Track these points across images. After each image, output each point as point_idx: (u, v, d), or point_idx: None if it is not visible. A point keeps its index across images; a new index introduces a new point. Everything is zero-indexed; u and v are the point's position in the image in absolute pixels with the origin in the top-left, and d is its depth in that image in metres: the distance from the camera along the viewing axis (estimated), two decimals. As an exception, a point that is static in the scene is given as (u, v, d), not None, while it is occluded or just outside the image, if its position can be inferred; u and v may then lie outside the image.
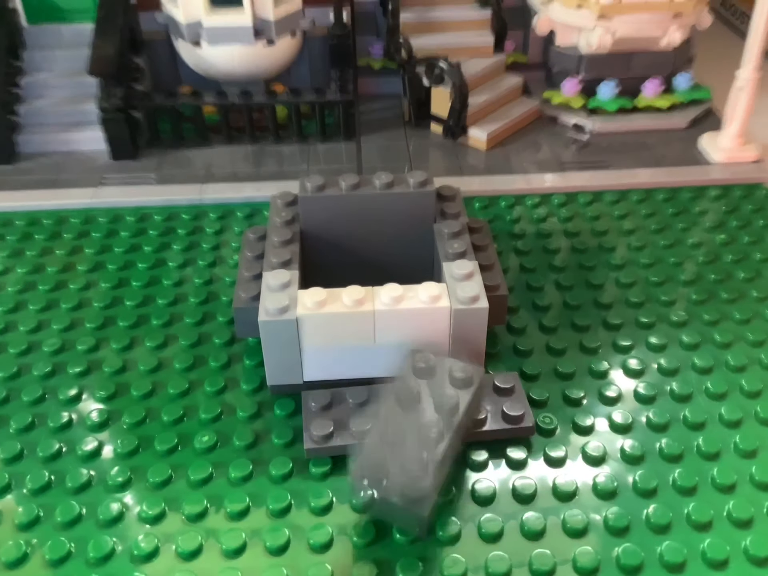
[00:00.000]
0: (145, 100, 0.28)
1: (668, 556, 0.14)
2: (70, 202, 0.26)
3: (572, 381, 0.19)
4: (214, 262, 0.23)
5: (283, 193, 0.21)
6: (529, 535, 0.15)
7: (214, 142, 0.29)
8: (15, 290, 0.22)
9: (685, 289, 0.22)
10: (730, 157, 0.27)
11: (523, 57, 0.33)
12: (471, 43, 0.30)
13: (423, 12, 0.31)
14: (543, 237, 0.24)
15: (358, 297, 0.17)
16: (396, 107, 0.32)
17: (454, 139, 0.29)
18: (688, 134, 0.29)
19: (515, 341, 0.20)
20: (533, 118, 0.31)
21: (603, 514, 0.15)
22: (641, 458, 0.17)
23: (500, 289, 0.18)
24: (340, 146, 0.29)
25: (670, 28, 0.29)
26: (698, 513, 0.15)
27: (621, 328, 0.20)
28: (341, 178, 0.19)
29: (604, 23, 0.28)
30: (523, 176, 0.27)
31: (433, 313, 0.17)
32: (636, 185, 0.27)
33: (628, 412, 0.18)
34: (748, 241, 0.24)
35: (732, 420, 0.17)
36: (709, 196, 0.26)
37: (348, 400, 0.17)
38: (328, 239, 0.20)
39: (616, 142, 0.29)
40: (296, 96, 0.28)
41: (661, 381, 0.19)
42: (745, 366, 0.19)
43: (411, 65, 0.29)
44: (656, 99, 0.30)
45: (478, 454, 0.16)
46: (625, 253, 0.23)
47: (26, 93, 0.29)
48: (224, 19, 0.28)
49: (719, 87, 0.30)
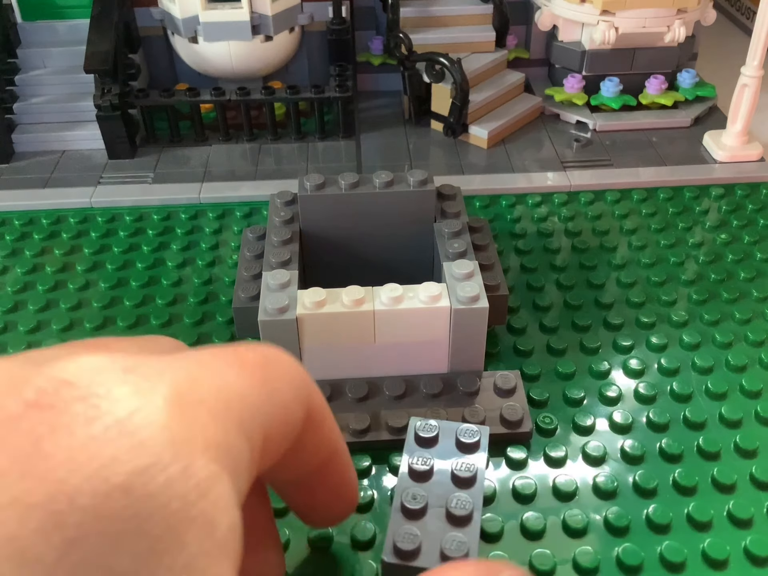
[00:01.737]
0: (142, 98, 0.28)
1: (668, 555, 0.14)
2: (68, 201, 0.26)
3: (572, 381, 0.19)
4: (213, 262, 0.23)
5: (281, 192, 0.21)
6: (529, 534, 0.15)
7: (211, 140, 0.29)
8: (13, 290, 0.22)
9: (686, 288, 0.22)
10: (733, 156, 0.27)
11: (525, 53, 0.32)
12: (472, 38, 0.30)
13: (423, 7, 0.30)
14: (544, 236, 0.24)
15: (357, 297, 0.16)
16: (396, 104, 0.32)
17: (454, 137, 0.29)
18: (692, 132, 0.29)
19: (515, 341, 0.20)
20: (535, 115, 0.30)
21: (603, 513, 0.15)
22: (641, 458, 0.17)
23: (500, 289, 0.18)
24: (339, 144, 0.29)
25: (674, 23, 0.28)
26: (698, 513, 0.15)
27: (622, 327, 0.20)
28: (341, 177, 0.19)
29: (608, 18, 0.28)
30: (525, 175, 0.27)
31: (433, 313, 0.17)
32: (638, 184, 0.26)
33: (628, 412, 0.18)
34: (750, 240, 0.24)
35: (732, 420, 0.17)
36: (712, 195, 0.26)
37: (347, 395, 0.17)
38: (327, 238, 0.20)
39: (619, 140, 0.29)
40: (294, 93, 0.28)
41: (661, 381, 0.19)
42: (745, 366, 0.19)
43: (411, 61, 0.29)
44: (660, 96, 0.30)
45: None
46: (626, 252, 0.23)
47: (21, 91, 0.29)
48: (221, 15, 0.28)
49: (724, 84, 0.29)
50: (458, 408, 0.17)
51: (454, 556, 0.12)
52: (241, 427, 0.08)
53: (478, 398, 0.17)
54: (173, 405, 0.07)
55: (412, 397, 0.17)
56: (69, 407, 0.07)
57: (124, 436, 0.07)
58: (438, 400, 0.17)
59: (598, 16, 0.28)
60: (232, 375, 0.08)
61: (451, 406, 0.17)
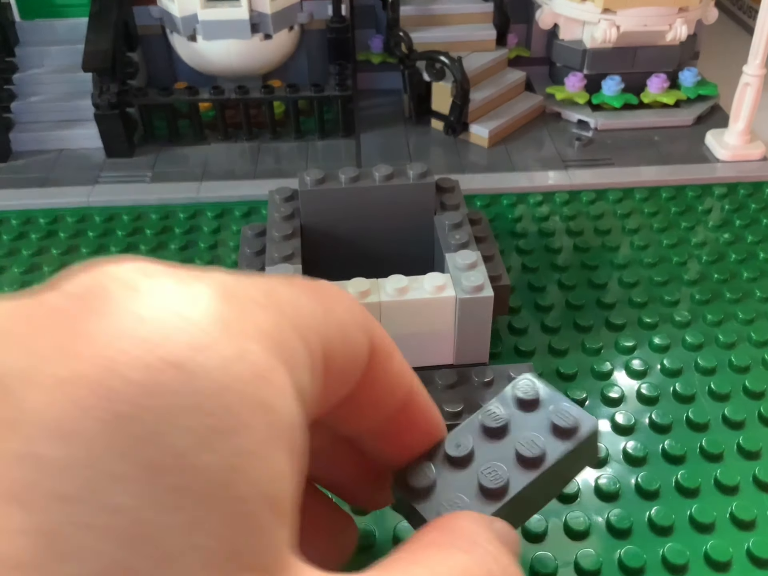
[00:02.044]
0: (140, 97, 0.28)
1: (671, 557, 0.14)
2: (65, 200, 0.26)
3: (574, 382, 0.19)
4: (212, 262, 0.23)
5: (281, 188, 0.21)
6: (531, 537, 0.15)
7: (210, 139, 0.29)
8: (11, 290, 0.22)
9: (689, 288, 0.22)
10: (735, 155, 0.27)
11: (526, 51, 0.32)
12: (473, 37, 0.30)
13: (423, 5, 0.30)
14: (545, 236, 0.24)
15: (363, 289, 0.16)
16: (396, 103, 0.31)
17: (455, 136, 0.29)
18: (695, 131, 0.29)
19: (517, 341, 0.19)
20: (536, 114, 0.30)
21: (605, 515, 0.15)
22: (644, 459, 0.16)
23: (502, 279, 0.18)
24: (339, 143, 0.29)
25: (675, 22, 0.28)
26: (701, 515, 0.15)
27: (624, 328, 0.20)
28: (341, 171, 0.19)
29: (609, 17, 0.28)
30: (526, 174, 0.27)
31: (438, 303, 0.16)
32: (640, 183, 0.26)
33: (630, 413, 0.17)
34: (753, 240, 0.24)
35: (736, 421, 0.17)
36: (714, 194, 0.26)
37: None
38: (328, 233, 0.20)
39: (620, 139, 0.29)
40: (294, 92, 0.28)
41: (664, 382, 0.18)
42: (748, 366, 0.19)
43: (411, 60, 0.29)
44: (662, 95, 0.30)
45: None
46: (628, 252, 0.23)
47: (19, 89, 0.29)
48: (220, 13, 0.28)
49: (726, 83, 0.29)
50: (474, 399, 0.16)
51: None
52: (296, 329, 0.07)
53: (492, 389, 0.17)
54: (223, 295, 0.07)
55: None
56: (114, 294, 0.06)
57: (175, 317, 0.06)
58: (453, 392, 0.17)
59: (599, 14, 0.28)
60: (282, 286, 0.08)
61: (467, 398, 0.16)
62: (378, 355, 0.09)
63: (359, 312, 0.09)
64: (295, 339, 0.07)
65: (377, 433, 0.10)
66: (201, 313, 0.07)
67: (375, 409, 0.09)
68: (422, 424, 0.10)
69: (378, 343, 0.09)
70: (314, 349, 0.08)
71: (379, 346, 0.09)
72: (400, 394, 0.09)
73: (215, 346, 0.06)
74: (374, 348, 0.09)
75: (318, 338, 0.08)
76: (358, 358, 0.09)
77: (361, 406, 0.09)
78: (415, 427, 0.10)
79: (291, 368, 0.07)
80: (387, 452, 0.10)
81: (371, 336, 0.09)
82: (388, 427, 0.10)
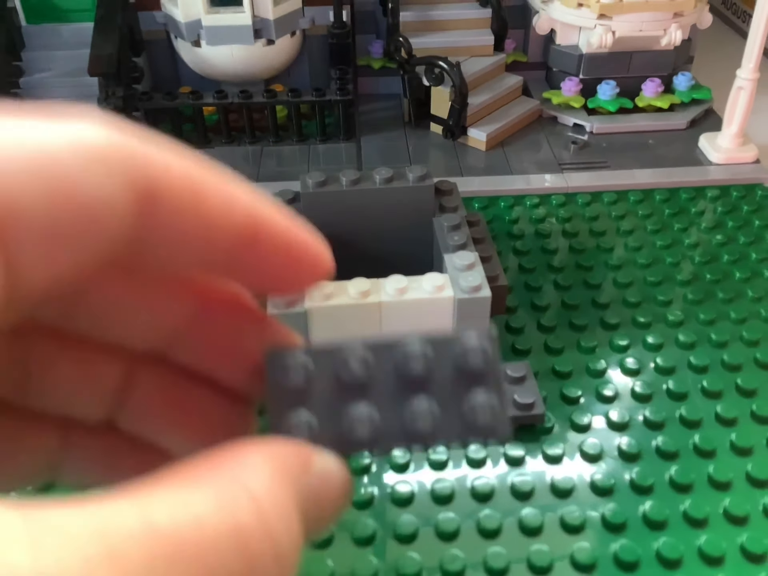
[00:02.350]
0: (146, 101, 0.28)
1: (665, 552, 0.15)
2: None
3: (570, 380, 0.19)
4: (215, 262, 0.24)
5: (282, 191, 0.21)
6: (527, 531, 0.15)
7: (213, 143, 0.29)
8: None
9: (682, 289, 0.22)
10: (729, 158, 0.27)
11: (523, 56, 0.33)
12: (471, 42, 0.30)
13: (423, 11, 0.31)
14: (542, 237, 0.24)
15: (364, 289, 0.17)
16: (396, 107, 0.32)
17: (453, 139, 0.29)
18: (689, 134, 0.29)
19: (513, 340, 0.20)
20: (533, 118, 0.31)
21: (600, 510, 0.15)
22: (638, 456, 0.17)
23: (500, 280, 0.18)
24: (340, 146, 0.29)
25: (670, 27, 0.29)
26: (694, 510, 0.15)
27: (618, 327, 0.20)
28: (342, 174, 0.20)
29: (605, 22, 0.29)
30: (523, 176, 0.27)
31: (437, 303, 0.17)
32: (635, 186, 0.27)
33: (624, 411, 0.18)
34: (746, 241, 0.24)
35: (728, 418, 0.18)
36: (707, 196, 0.26)
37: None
38: (329, 234, 0.19)
39: (615, 142, 0.29)
40: (296, 96, 0.28)
41: (657, 380, 0.19)
42: (740, 365, 0.19)
43: (411, 65, 0.29)
44: (656, 99, 0.30)
45: (476, 452, 0.17)
46: (622, 253, 0.23)
47: (26, 93, 0.30)
48: (224, 19, 0.28)
49: (719, 87, 0.30)
50: None
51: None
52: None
53: None
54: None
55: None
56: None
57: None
58: None
59: (595, 20, 0.29)
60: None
61: None
62: (166, 201, 0.06)
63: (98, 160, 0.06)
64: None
65: (223, 267, 0.07)
66: None
67: (196, 245, 0.07)
68: (283, 256, 0.08)
69: (159, 186, 0.06)
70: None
71: (163, 191, 0.06)
72: (231, 230, 0.07)
73: None
74: (151, 194, 0.06)
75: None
76: (94, 218, 0.06)
77: (170, 244, 0.07)
78: (275, 258, 0.08)
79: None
80: (254, 285, 0.08)
81: (142, 185, 0.06)
82: (234, 261, 0.07)
